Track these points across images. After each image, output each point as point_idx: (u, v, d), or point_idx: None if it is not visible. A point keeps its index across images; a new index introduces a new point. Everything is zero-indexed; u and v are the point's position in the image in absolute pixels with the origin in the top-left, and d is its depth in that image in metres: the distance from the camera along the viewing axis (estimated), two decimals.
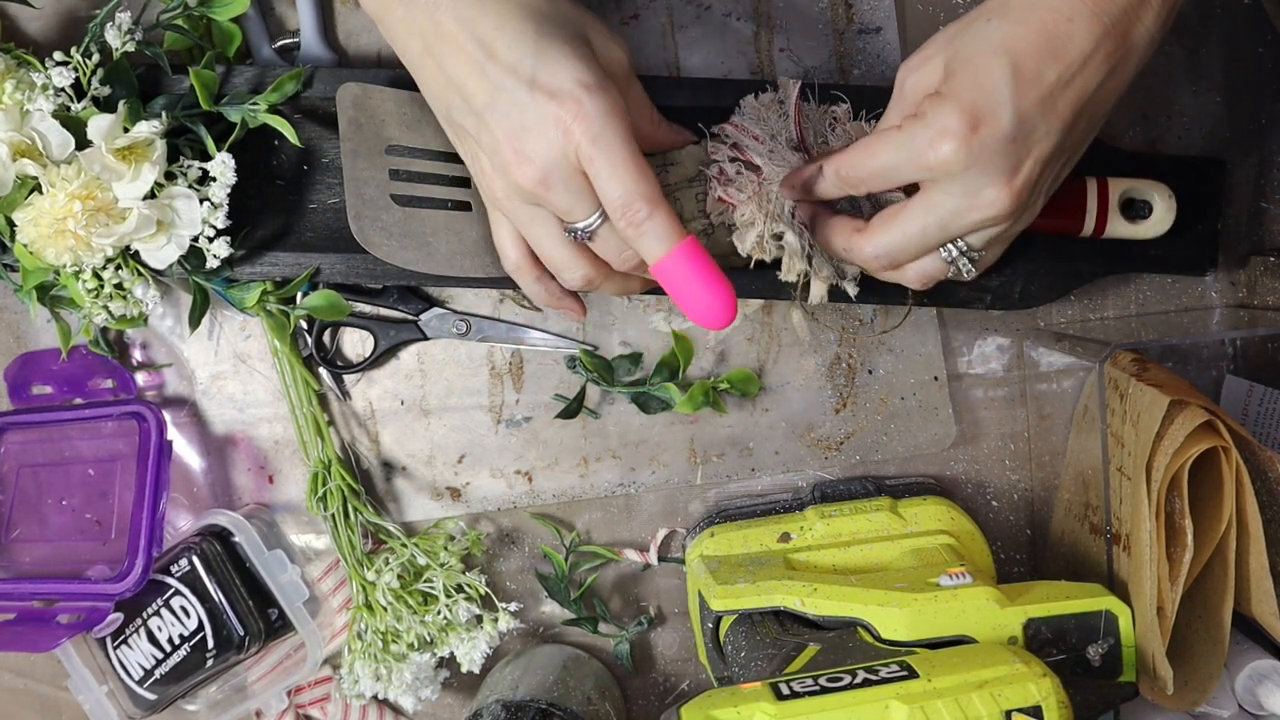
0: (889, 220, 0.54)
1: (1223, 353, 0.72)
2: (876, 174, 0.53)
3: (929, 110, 0.50)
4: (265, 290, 0.66)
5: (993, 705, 0.49)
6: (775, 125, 0.61)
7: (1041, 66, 0.48)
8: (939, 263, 0.55)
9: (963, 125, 0.48)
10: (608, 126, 0.49)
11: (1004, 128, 0.49)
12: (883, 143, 0.52)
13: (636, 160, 0.50)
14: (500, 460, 0.72)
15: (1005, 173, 0.50)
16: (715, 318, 0.51)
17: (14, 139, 0.58)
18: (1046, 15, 0.48)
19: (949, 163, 0.49)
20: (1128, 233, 0.64)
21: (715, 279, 0.51)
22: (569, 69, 0.50)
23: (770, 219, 0.61)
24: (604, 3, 0.69)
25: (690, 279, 0.51)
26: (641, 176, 0.50)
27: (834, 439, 0.71)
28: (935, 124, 0.49)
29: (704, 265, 0.51)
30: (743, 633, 0.62)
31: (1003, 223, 0.52)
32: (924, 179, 0.52)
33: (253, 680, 0.73)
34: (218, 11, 0.63)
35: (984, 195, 0.51)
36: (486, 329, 0.70)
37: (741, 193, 0.61)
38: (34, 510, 0.71)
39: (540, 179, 0.50)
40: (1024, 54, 0.48)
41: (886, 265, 0.56)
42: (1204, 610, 0.61)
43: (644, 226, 0.50)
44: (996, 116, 0.48)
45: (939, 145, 0.49)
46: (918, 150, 0.50)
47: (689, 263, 0.51)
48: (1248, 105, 0.70)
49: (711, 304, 0.51)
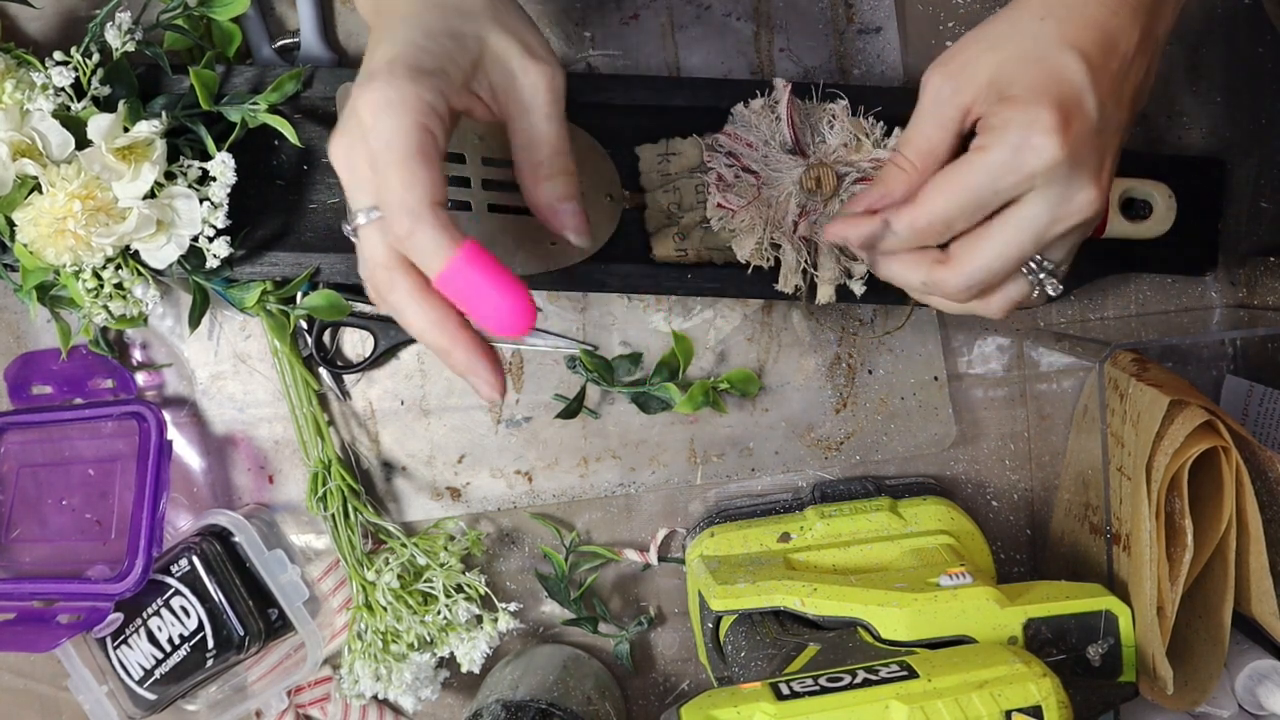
0: (976, 245, 0.50)
1: (1223, 353, 0.72)
2: (969, 207, 0.49)
3: (1013, 115, 0.47)
4: (265, 290, 0.66)
5: (993, 705, 0.49)
6: (768, 130, 0.61)
7: (1106, 57, 0.47)
8: (1024, 285, 0.52)
9: (1056, 120, 0.46)
10: (389, 120, 0.45)
11: (1092, 119, 0.47)
12: (968, 169, 0.48)
13: (407, 161, 0.45)
14: (500, 460, 0.72)
15: (1095, 170, 0.48)
16: (511, 327, 0.46)
17: (14, 139, 0.58)
18: (1095, 11, 0.48)
19: (1052, 163, 0.47)
20: (1128, 232, 0.64)
21: (504, 287, 0.45)
22: (392, 51, 0.46)
23: (769, 226, 0.61)
24: (604, 3, 0.69)
25: (475, 291, 0.45)
26: (408, 183, 0.45)
27: (834, 439, 0.71)
28: (1028, 126, 0.47)
29: (488, 274, 0.45)
30: (743, 633, 0.62)
31: (1091, 226, 0.50)
32: (1024, 191, 0.48)
33: (253, 680, 0.73)
34: (218, 11, 0.63)
35: (1079, 198, 0.48)
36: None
37: (741, 198, 0.61)
38: (34, 510, 0.71)
39: (342, 158, 0.47)
40: (1088, 47, 0.47)
41: (977, 294, 0.52)
42: (1204, 610, 0.61)
43: (408, 243, 0.46)
44: (1084, 108, 0.47)
45: (1039, 146, 0.46)
46: (1015, 160, 0.47)
47: (469, 274, 0.45)
48: (1248, 105, 0.70)
49: (502, 312, 0.46)
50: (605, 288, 0.66)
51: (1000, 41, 0.49)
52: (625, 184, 0.65)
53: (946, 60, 0.50)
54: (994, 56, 0.48)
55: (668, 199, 0.65)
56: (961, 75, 0.49)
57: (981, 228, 0.50)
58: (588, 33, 0.69)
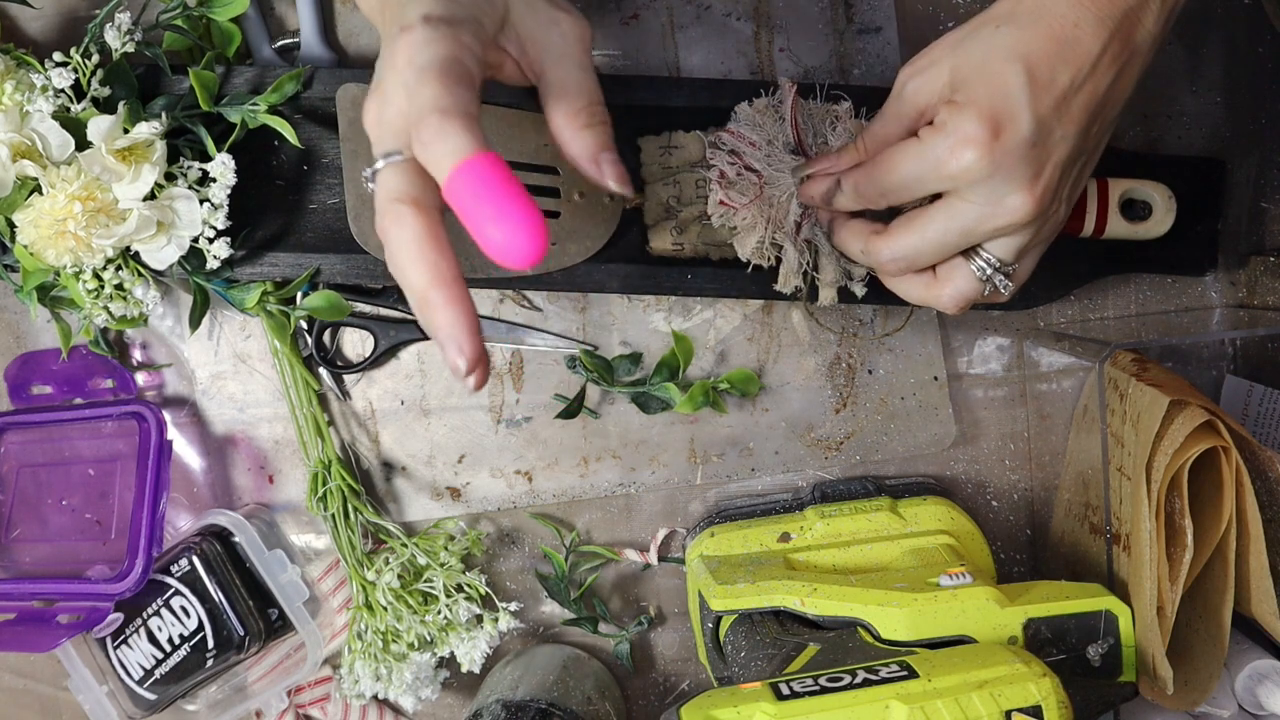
0: (908, 224, 0.54)
1: (1223, 353, 0.72)
2: (897, 187, 0.53)
3: (948, 119, 0.50)
4: (265, 291, 0.66)
5: (993, 705, 0.49)
6: (772, 130, 0.61)
7: (1054, 71, 0.48)
8: (974, 282, 0.55)
9: (984, 132, 0.49)
10: (425, 50, 0.44)
11: (1024, 133, 0.49)
12: (902, 155, 0.52)
13: (443, 77, 0.44)
14: (500, 460, 0.72)
15: (1028, 179, 0.50)
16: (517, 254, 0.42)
17: (14, 140, 0.58)
18: (1054, 21, 0.48)
19: (972, 170, 0.49)
20: (1128, 233, 0.64)
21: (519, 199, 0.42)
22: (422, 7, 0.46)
23: (772, 225, 0.61)
24: (604, 3, 0.69)
25: (484, 201, 0.42)
26: (442, 90, 0.43)
27: (834, 439, 0.71)
28: (956, 132, 0.49)
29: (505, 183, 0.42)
30: (743, 633, 0.62)
31: (1027, 229, 0.52)
32: (947, 188, 0.52)
33: (253, 680, 0.73)
34: (218, 12, 0.63)
35: (1007, 202, 0.50)
36: (486, 329, 0.70)
37: (743, 196, 0.61)
38: (34, 510, 0.71)
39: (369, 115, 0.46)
40: (1036, 59, 0.48)
41: (904, 269, 0.56)
42: (1204, 610, 0.61)
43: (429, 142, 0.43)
44: (1016, 122, 0.48)
45: (961, 153, 0.49)
46: (939, 160, 0.50)
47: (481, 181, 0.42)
48: (1248, 105, 0.70)
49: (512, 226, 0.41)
50: (605, 288, 0.66)
51: (959, 47, 0.51)
52: None
53: (914, 60, 0.53)
54: (951, 61, 0.50)
55: (667, 192, 0.65)
56: (923, 76, 0.52)
57: (917, 211, 0.54)
58: None
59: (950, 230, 0.52)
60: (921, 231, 0.53)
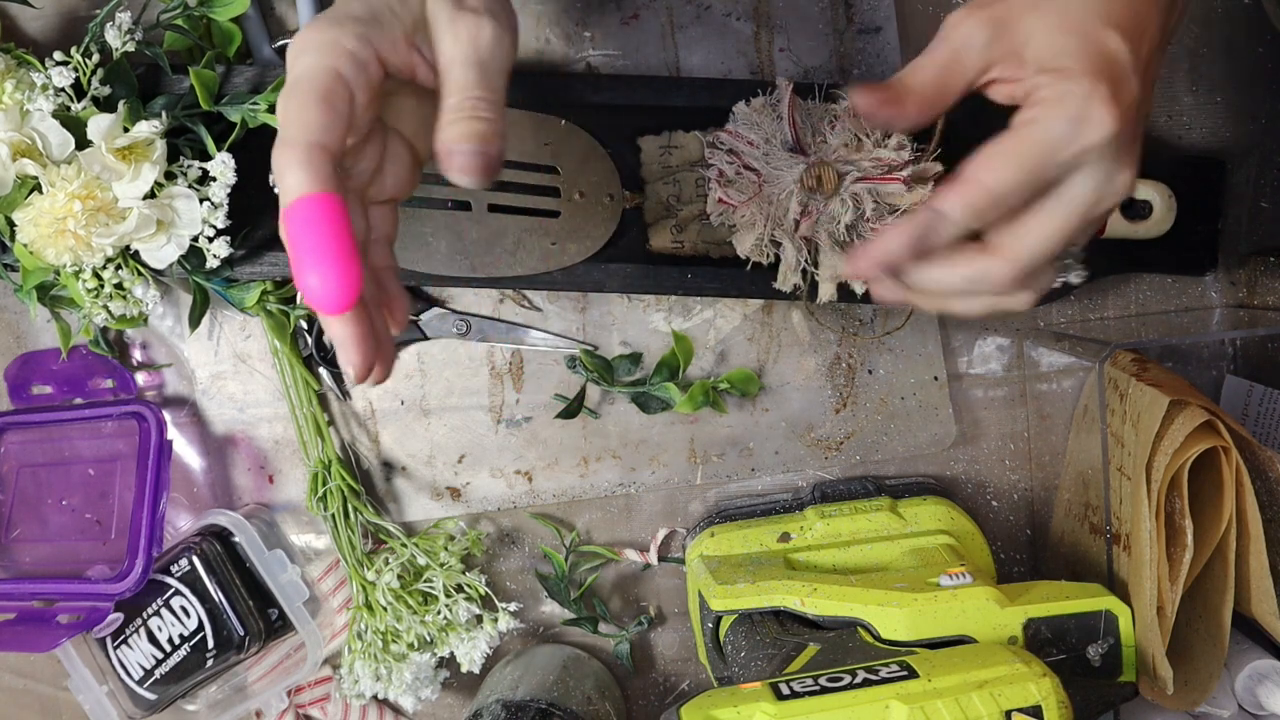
0: (1024, 228, 0.47)
1: (1223, 353, 0.72)
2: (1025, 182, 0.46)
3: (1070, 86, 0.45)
4: (265, 290, 0.66)
5: (993, 705, 0.49)
6: (770, 129, 0.61)
7: (1138, 42, 0.46)
8: (1052, 274, 0.50)
9: (1109, 93, 0.45)
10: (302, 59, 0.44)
11: (1135, 97, 0.46)
12: (1025, 141, 0.46)
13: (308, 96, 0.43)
14: (500, 460, 0.72)
15: (1135, 151, 0.47)
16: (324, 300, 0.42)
17: (14, 139, 0.58)
18: None
19: (1109, 137, 0.45)
20: (1128, 232, 0.64)
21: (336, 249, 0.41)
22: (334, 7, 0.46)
23: (771, 223, 0.61)
24: (604, 3, 0.69)
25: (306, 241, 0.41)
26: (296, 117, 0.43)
27: (834, 439, 0.71)
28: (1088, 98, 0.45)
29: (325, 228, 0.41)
30: (743, 633, 0.62)
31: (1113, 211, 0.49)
32: (1077, 167, 0.46)
33: (253, 680, 0.73)
34: (218, 11, 0.63)
35: (1120, 178, 0.47)
36: (486, 329, 0.70)
37: (742, 194, 0.61)
38: (34, 510, 0.71)
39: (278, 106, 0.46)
40: (1127, 28, 0.46)
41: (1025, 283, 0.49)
42: (1204, 610, 0.61)
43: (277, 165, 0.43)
44: (1130, 86, 0.46)
45: (1098, 118, 0.45)
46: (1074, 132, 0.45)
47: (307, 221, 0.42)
48: (1248, 105, 0.70)
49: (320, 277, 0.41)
50: (605, 288, 0.66)
51: (1040, 7, 0.46)
52: (625, 184, 0.65)
53: (983, 5, 0.47)
54: (1034, 20, 0.46)
55: (667, 191, 0.65)
56: (998, 26, 0.46)
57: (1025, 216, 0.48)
58: (588, 33, 0.69)
59: (1072, 220, 0.47)
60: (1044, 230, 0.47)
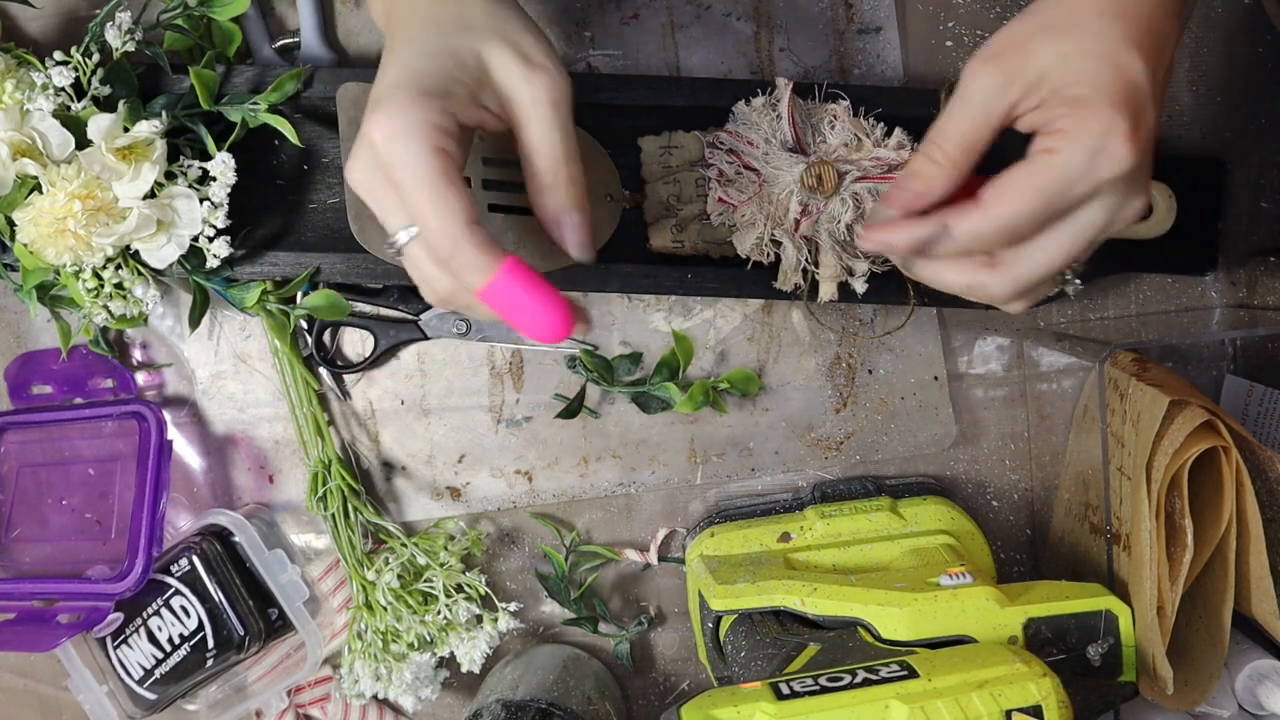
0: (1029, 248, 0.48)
1: (1223, 353, 0.72)
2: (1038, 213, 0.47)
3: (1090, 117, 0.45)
4: (265, 290, 0.66)
5: (993, 705, 0.49)
6: (769, 129, 0.61)
7: (1155, 64, 0.46)
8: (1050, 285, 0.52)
9: (1130, 126, 0.45)
10: (406, 149, 0.46)
11: (1152, 124, 0.46)
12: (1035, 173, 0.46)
13: (437, 186, 0.46)
14: (500, 460, 0.72)
15: (1147, 175, 0.47)
16: (550, 334, 0.48)
17: (14, 138, 0.58)
18: (1149, 12, 0.46)
19: (1126, 170, 0.45)
20: (1128, 232, 0.64)
21: (543, 298, 0.47)
22: (395, 76, 0.47)
23: (771, 222, 0.61)
24: (604, 3, 0.69)
25: (517, 303, 0.47)
26: (440, 208, 0.46)
27: (834, 439, 0.71)
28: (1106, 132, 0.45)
29: (528, 287, 0.47)
30: (743, 632, 0.62)
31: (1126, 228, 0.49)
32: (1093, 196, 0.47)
33: (253, 680, 0.73)
34: (218, 11, 0.63)
35: (1133, 204, 0.47)
36: (487, 329, 0.70)
37: (742, 194, 0.61)
38: (34, 510, 0.71)
39: (361, 182, 0.48)
40: (1148, 51, 0.46)
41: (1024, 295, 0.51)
42: (1204, 610, 0.61)
43: (452, 264, 0.47)
44: (1148, 115, 0.46)
45: (1116, 152, 0.45)
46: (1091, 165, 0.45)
47: (511, 288, 0.47)
48: (1248, 105, 0.70)
49: (542, 321, 0.48)
50: (605, 288, 0.66)
51: (1057, 34, 0.46)
52: (625, 184, 0.65)
53: (996, 53, 0.48)
54: (1050, 50, 0.46)
55: (668, 191, 0.65)
56: (1012, 68, 0.47)
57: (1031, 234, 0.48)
58: (588, 33, 0.69)
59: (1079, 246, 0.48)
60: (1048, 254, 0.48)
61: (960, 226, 0.48)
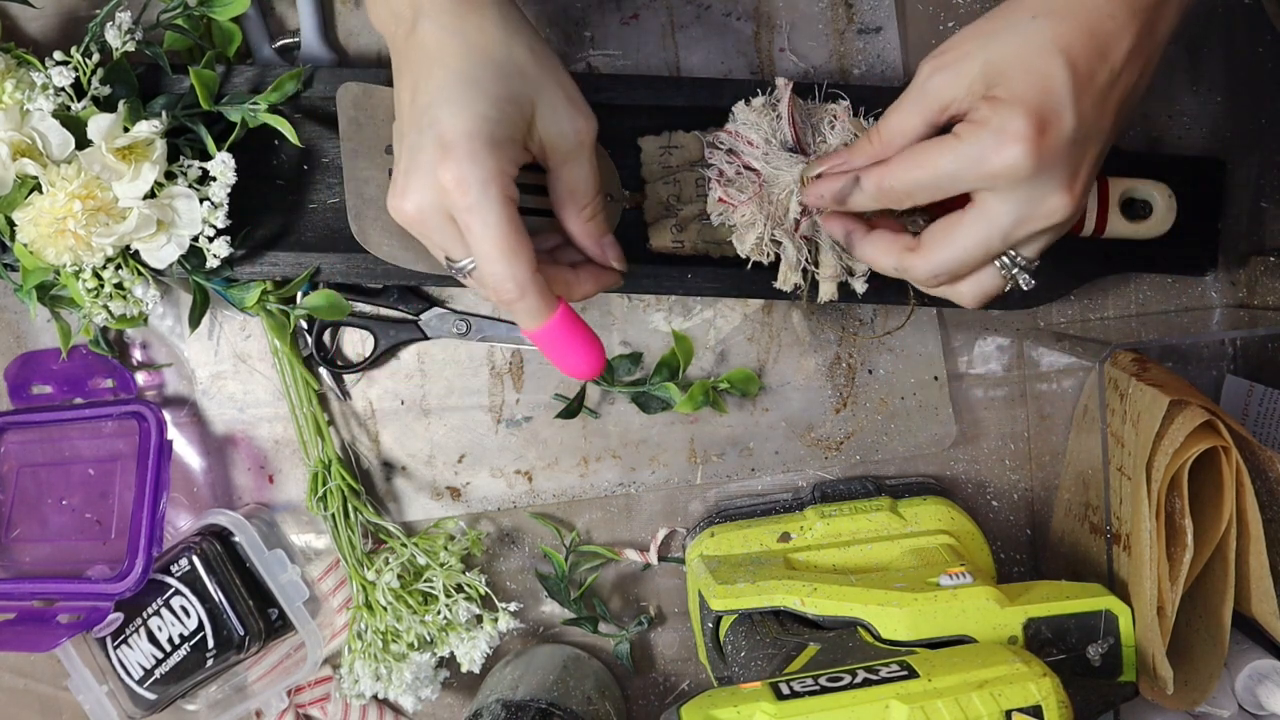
0: (946, 235, 0.52)
1: (1223, 353, 0.72)
2: (927, 185, 0.51)
3: (991, 115, 0.48)
4: (265, 290, 0.66)
5: (993, 705, 0.49)
6: (769, 129, 0.61)
7: (1092, 66, 0.47)
8: (996, 278, 0.54)
9: (1030, 129, 0.47)
10: (482, 197, 0.49)
11: (1068, 131, 0.47)
12: (935, 151, 0.50)
13: (508, 237, 0.50)
14: (500, 460, 0.72)
15: (1068, 178, 0.48)
16: (585, 375, 0.54)
17: (14, 139, 0.58)
18: (1092, 13, 0.47)
19: (1016, 169, 0.47)
20: (1128, 232, 0.64)
21: (585, 344, 0.53)
22: (467, 124, 0.49)
23: (771, 223, 0.61)
24: (604, 3, 0.69)
25: (563, 346, 0.53)
26: (512, 257, 0.50)
27: (834, 439, 0.71)
28: (1001, 129, 0.47)
29: (575, 333, 0.53)
30: (743, 632, 0.62)
31: (1060, 229, 0.51)
32: (984, 187, 0.50)
33: (253, 680, 0.73)
34: (218, 11, 0.63)
35: (1048, 202, 0.49)
36: (487, 329, 0.70)
37: (742, 194, 0.61)
38: (34, 510, 0.71)
39: (416, 217, 0.52)
40: (1077, 53, 0.47)
41: (945, 282, 0.54)
42: (1204, 610, 0.61)
43: (514, 306, 0.52)
44: (1061, 119, 0.47)
45: (1006, 151, 0.47)
46: (981, 158, 0.48)
47: (560, 333, 0.53)
48: (1248, 105, 0.70)
49: (581, 364, 0.54)
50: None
51: (991, 39, 0.49)
52: (625, 184, 0.65)
53: (940, 53, 0.51)
54: (984, 54, 0.49)
55: (667, 191, 0.65)
56: (951, 69, 0.50)
57: (952, 219, 0.52)
58: (588, 33, 0.69)
59: (992, 236, 0.50)
60: (961, 242, 0.51)
61: (867, 180, 0.53)
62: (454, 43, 0.51)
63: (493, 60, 0.51)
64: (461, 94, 0.50)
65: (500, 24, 0.51)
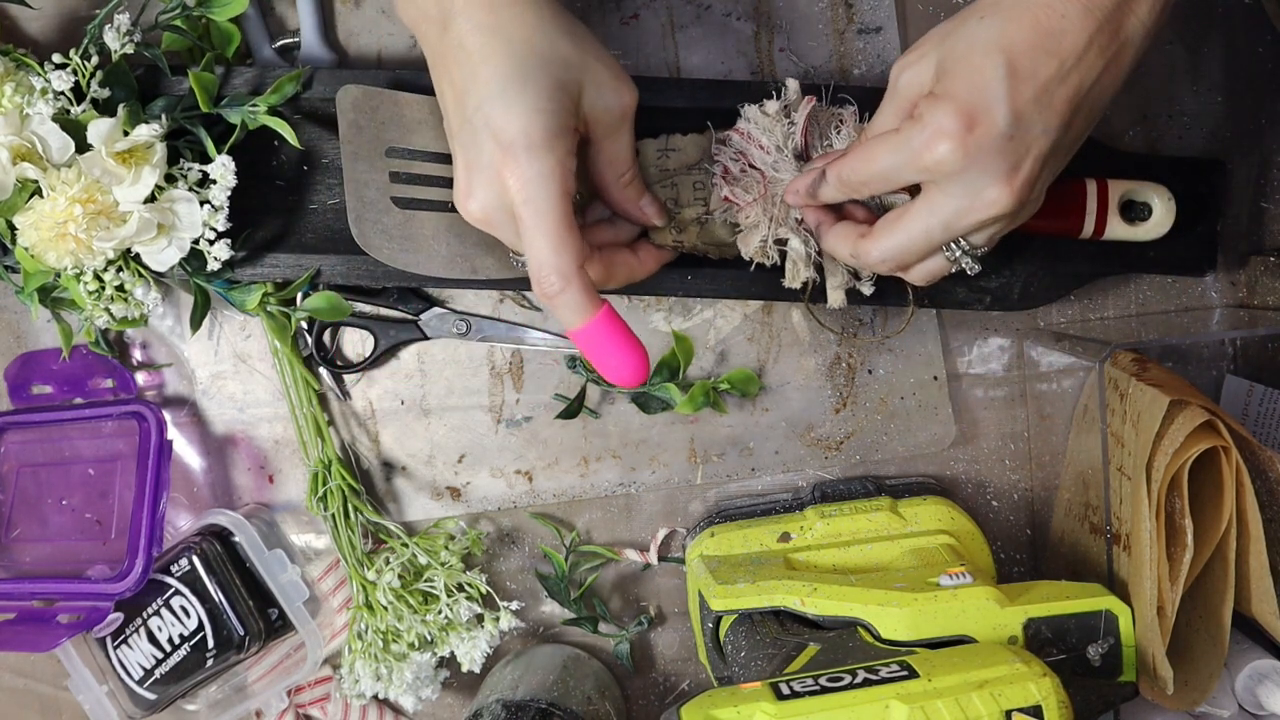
0: (893, 223, 0.55)
1: (1223, 353, 0.72)
2: (876, 177, 0.53)
3: (925, 111, 0.50)
4: (266, 292, 0.66)
5: (993, 705, 0.49)
6: (782, 136, 0.61)
7: (1036, 63, 0.48)
8: (942, 261, 0.56)
9: (958, 125, 0.49)
10: (539, 191, 0.51)
11: (1000, 126, 0.49)
12: (880, 146, 0.52)
13: (558, 230, 0.51)
14: (500, 460, 0.72)
15: (1005, 172, 0.50)
16: (628, 380, 0.54)
17: (14, 143, 0.58)
18: (1039, 11, 0.48)
19: (946, 163, 0.50)
20: (1127, 235, 0.64)
21: (629, 348, 0.53)
22: (523, 121, 0.50)
23: (775, 223, 0.61)
24: (604, 3, 0.69)
25: (605, 348, 0.53)
26: (559, 249, 0.51)
27: (834, 439, 0.71)
28: (931, 125, 0.49)
29: (618, 335, 0.53)
30: (743, 633, 0.62)
31: (1005, 221, 0.53)
32: (923, 180, 0.52)
33: (253, 680, 0.73)
34: (217, 12, 0.63)
35: (985, 195, 0.51)
36: (487, 329, 0.71)
37: (748, 194, 0.61)
38: (34, 510, 0.71)
39: (482, 217, 0.53)
40: (1018, 51, 0.48)
41: (894, 267, 0.57)
42: (1204, 610, 0.61)
43: (556, 300, 0.52)
44: (992, 115, 0.48)
45: (935, 146, 0.49)
46: (915, 152, 0.50)
47: (603, 333, 0.53)
48: (1248, 105, 0.70)
49: (624, 368, 0.54)
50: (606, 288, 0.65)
51: (946, 39, 0.51)
52: None
53: (907, 53, 0.54)
54: (937, 53, 0.51)
55: (665, 194, 0.65)
56: (916, 66, 0.52)
57: (900, 210, 0.54)
58: None
59: (933, 226, 0.53)
60: (906, 230, 0.54)
61: (830, 172, 0.56)
62: (495, 41, 0.51)
63: (536, 53, 0.51)
64: (512, 92, 0.51)
65: (536, 13, 0.52)
